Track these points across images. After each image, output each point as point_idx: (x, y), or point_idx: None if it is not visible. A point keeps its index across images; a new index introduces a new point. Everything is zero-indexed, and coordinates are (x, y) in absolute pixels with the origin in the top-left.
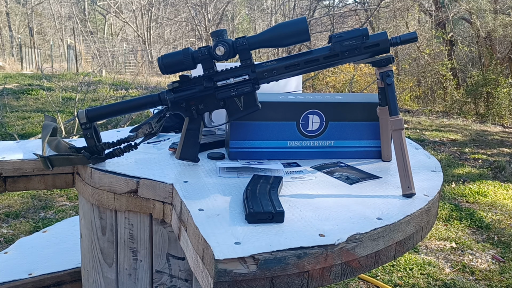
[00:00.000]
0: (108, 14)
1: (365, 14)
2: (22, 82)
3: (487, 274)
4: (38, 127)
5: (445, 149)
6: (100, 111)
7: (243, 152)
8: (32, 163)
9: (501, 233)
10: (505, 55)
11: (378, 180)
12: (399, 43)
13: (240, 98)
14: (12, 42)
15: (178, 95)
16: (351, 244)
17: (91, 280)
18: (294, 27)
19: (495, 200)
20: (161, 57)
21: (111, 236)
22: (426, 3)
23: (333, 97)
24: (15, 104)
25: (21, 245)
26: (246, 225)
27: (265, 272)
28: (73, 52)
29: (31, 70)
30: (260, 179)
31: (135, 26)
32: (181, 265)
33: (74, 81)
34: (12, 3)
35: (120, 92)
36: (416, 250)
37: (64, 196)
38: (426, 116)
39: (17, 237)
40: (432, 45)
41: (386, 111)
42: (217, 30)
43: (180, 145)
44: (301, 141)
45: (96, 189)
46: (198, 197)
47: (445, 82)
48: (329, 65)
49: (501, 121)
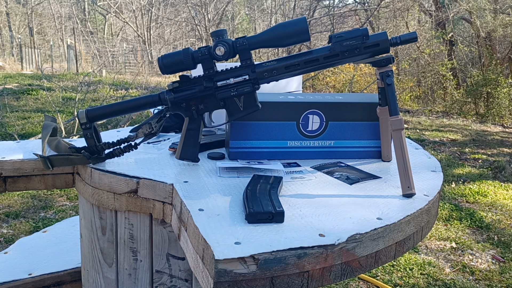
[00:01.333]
0: (108, 14)
1: (365, 14)
2: (22, 82)
3: (487, 274)
4: (38, 127)
5: (445, 149)
6: (100, 111)
7: (243, 152)
8: (32, 163)
9: (501, 233)
10: (505, 55)
11: (378, 180)
12: (399, 43)
13: (240, 98)
14: (12, 42)
15: (178, 95)
16: (351, 244)
17: (91, 280)
18: (294, 27)
19: (495, 200)
20: (161, 57)
21: (111, 236)
22: (426, 3)
23: (333, 97)
24: (15, 104)
25: (21, 245)
26: (246, 225)
27: (265, 272)
28: (73, 52)
29: (31, 70)
30: (260, 179)
31: (135, 26)
32: (181, 265)
33: (74, 81)
34: (12, 3)
35: (120, 92)
36: (416, 250)
37: (64, 196)
38: (426, 116)
39: (17, 237)
40: (432, 45)
41: (386, 111)
42: (217, 30)
43: (180, 145)
44: (301, 141)
45: (96, 189)
46: (198, 197)
47: (445, 82)
48: (329, 65)
49: (501, 121)
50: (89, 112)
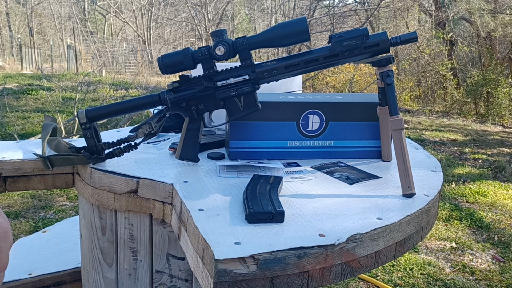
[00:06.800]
0: (108, 14)
1: (365, 14)
2: (22, 82)
3: (487, 274)
4: (38, 127)
5: (445, 149)
6: (100, 111)
7: (243, 152)
8: (32, 163)
9: (501, 233)
10: (505, 55)
11: (378, 180)
12: (399, 43)
13: (240, 98)
14: (12, 42)
15: (178, 95)
16: (351, 244)
17: (91, 280)
18: (294, 27)
19: (495, 200)
20: (161, 57)
21: (111, 236)
22: (426, 3)
23: (333, 97)
24: (15, 104)
25: (21, 245)
26: (246, 225)
27: (265, 272)
28: (73, 52)
29: (31, 70)
30: (260, 179)
31: (135, 26)
32: (181, 265)
33: (74, 81)
34: (12, 3)
35: (120, 92)
36: (416, 250)
37: (64, 196)
38: (426, 116)
39: (17, 237)
40: (432, 45)
41: (386, 111)
42: (217, 30)
43: (180, 145)
44: (301, 141)
45: (96, 189)
46: (198, 197)
47: (445, 82)
48: (329, 65)
49: (501, 121)
50: (89, 112)
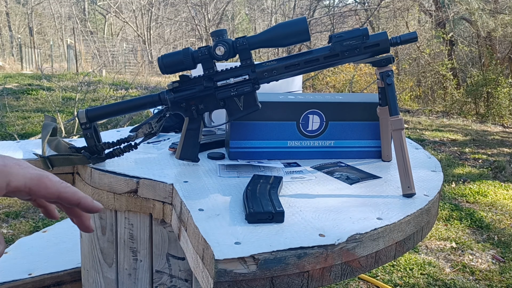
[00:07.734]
0: (108, 14)
1: (365, 14)
2: (22, 82)
3: (487, 274)
4: (38, 127)
5: (445, 149)
6: (100, 111)
7: (243, 152)
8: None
9: (501, 233)
10: (505, 55)
11: (378, 180)
12: (399, 43)
13: (240, 98)
14: (12, 42)
15: (178, 95)
16: (351, 244)
17: (91, 280)
18: (294, 27)
19: (495, 200)
20: (161, 57)
21: (111, 236)
22: (426, 3)
23: (333, 97)
24: (15, 104)
25: (21, 245)
26: (246, 225)
27: (265, 272)
28: (73, 52)
29: (31, 70)
30: (260, 179)
31: (135, 26)
32: (181, 265)
33: (74, 81)
34: (12, 3)
35: (120, 92)
36: (416, 250)
37: None
38: (426, 116)
39: (17, 237)
40: (432, 45)
41: (386, 111)
42: (217, 30)
43: (180, 145)
44: (301, 141)
45: (96, 189)
46: (198, 197)
47: (445, 82)
48: (329, 65)
49: (501, 121)
50: (89, 112)
